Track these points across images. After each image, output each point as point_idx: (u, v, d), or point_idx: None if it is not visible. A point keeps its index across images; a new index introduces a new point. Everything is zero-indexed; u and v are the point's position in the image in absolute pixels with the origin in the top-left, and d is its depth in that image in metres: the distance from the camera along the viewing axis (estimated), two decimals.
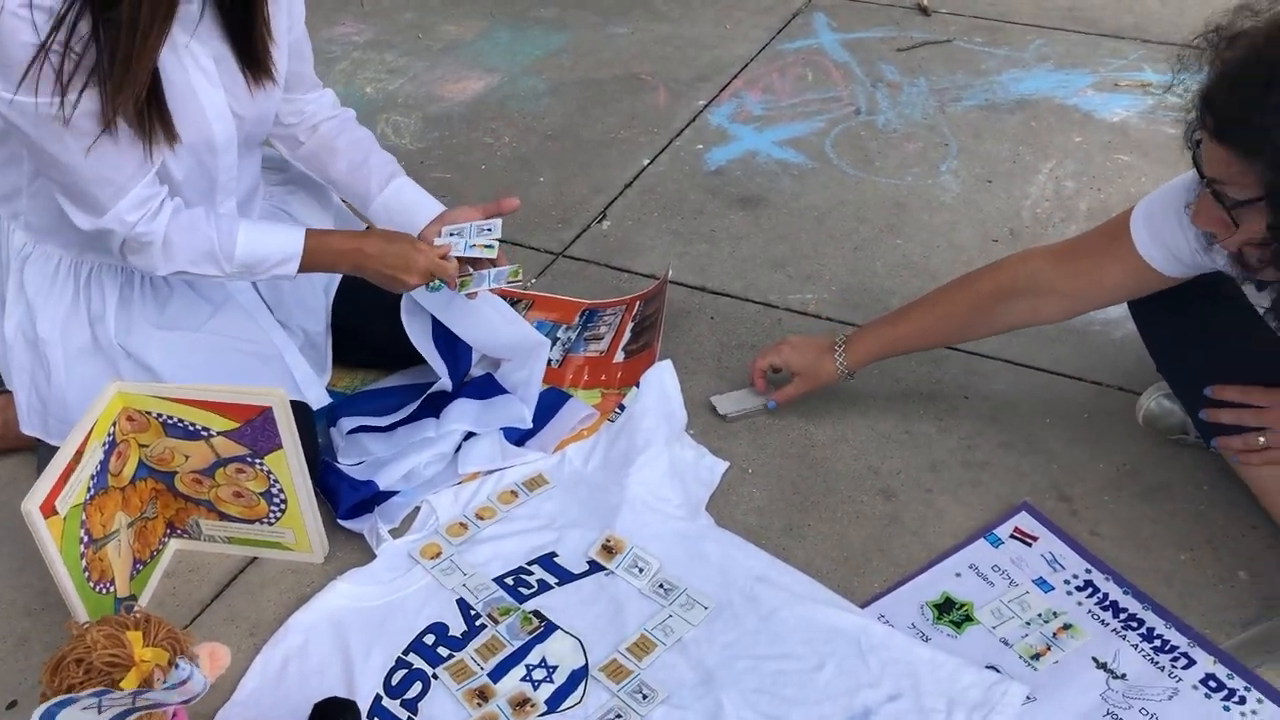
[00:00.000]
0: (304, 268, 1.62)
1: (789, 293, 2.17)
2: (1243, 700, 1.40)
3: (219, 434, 1.52)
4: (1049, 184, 2.41)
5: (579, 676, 1.47)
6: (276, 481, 1.56)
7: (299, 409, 1.69)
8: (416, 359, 1.85)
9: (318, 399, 1.81)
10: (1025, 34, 3.01)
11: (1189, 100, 1.28)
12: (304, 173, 1.87)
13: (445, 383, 1.83)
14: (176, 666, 1.16)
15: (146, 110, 1.45)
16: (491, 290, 1.74)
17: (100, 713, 1.14)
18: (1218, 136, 1.22)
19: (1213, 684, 1.42)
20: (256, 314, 1.80)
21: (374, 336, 1.90)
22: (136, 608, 1.41)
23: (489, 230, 1.74)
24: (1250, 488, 1.60)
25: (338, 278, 1.88)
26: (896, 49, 2.97)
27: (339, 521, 1.68)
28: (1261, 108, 1.16)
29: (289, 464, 1.53)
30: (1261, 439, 1.53)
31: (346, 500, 1.69)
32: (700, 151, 2.62)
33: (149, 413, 1.51)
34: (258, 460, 1.54)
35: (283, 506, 1.58)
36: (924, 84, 2.81)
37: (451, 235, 1.74)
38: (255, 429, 1.50)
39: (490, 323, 1.88)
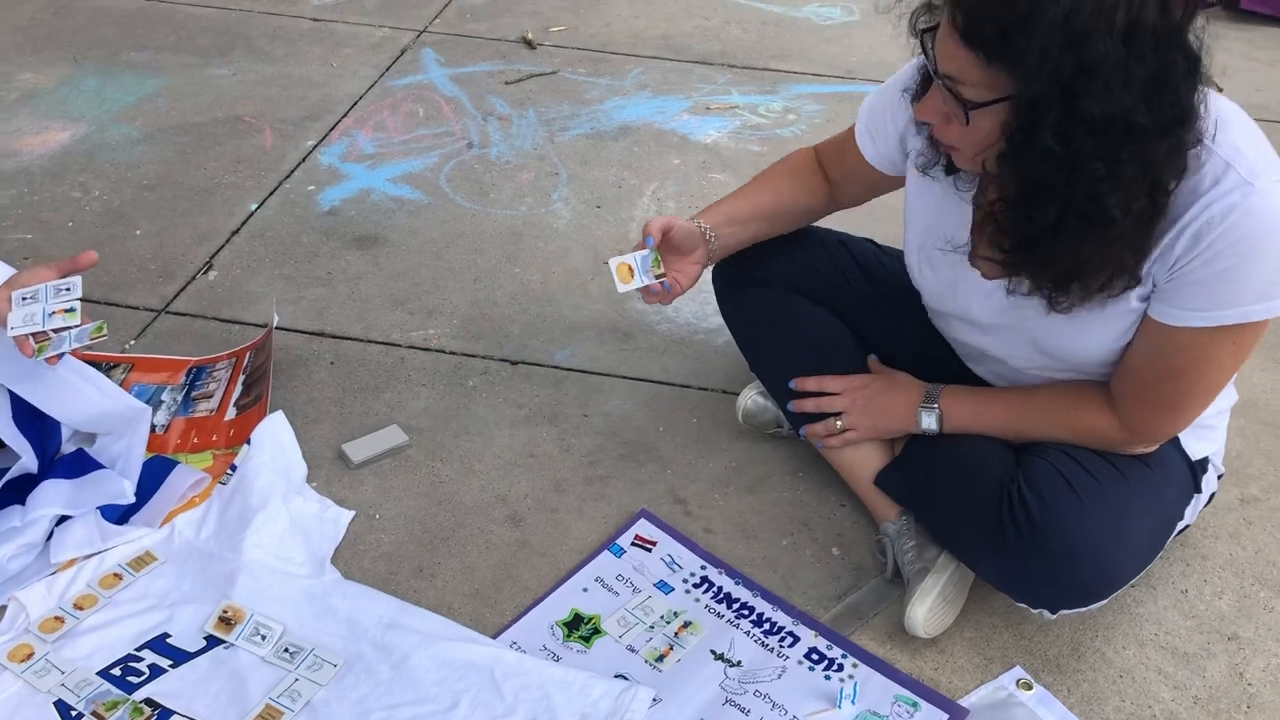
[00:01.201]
0: None
1: (411, 329, 2.15)
2: (840, 667, 1.53)
3: None
4: (652, 205, 2.55)
5: None
6: None
7: None
8: None
9: None
10: (625, 63, 3.16)
11: None
12: None
13: (29, 464, 1.67)
14: None
15: None
16: (75, 353, 1.60)
17: None
18: (966, 40, 1.21)
19: (815, 657, 1.54)
20: None
21: None
22: None
23: (67, 290, 1.60)
24: (837, 469, 1.76)
25: None
26: (504, 82, 3.04)
27: None
28: (1024, 30, 1.15)
29: None
30: (839, 422, 1.68)
31: None
32: (312, 193, 2.56)
33: None
34: None
35: None
36: (533, 115, 2.89)
37: (25, 301, 1.59)
38: None
39: (81, 394, 1.74)
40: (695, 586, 1.64)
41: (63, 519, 1.66)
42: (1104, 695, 1.51)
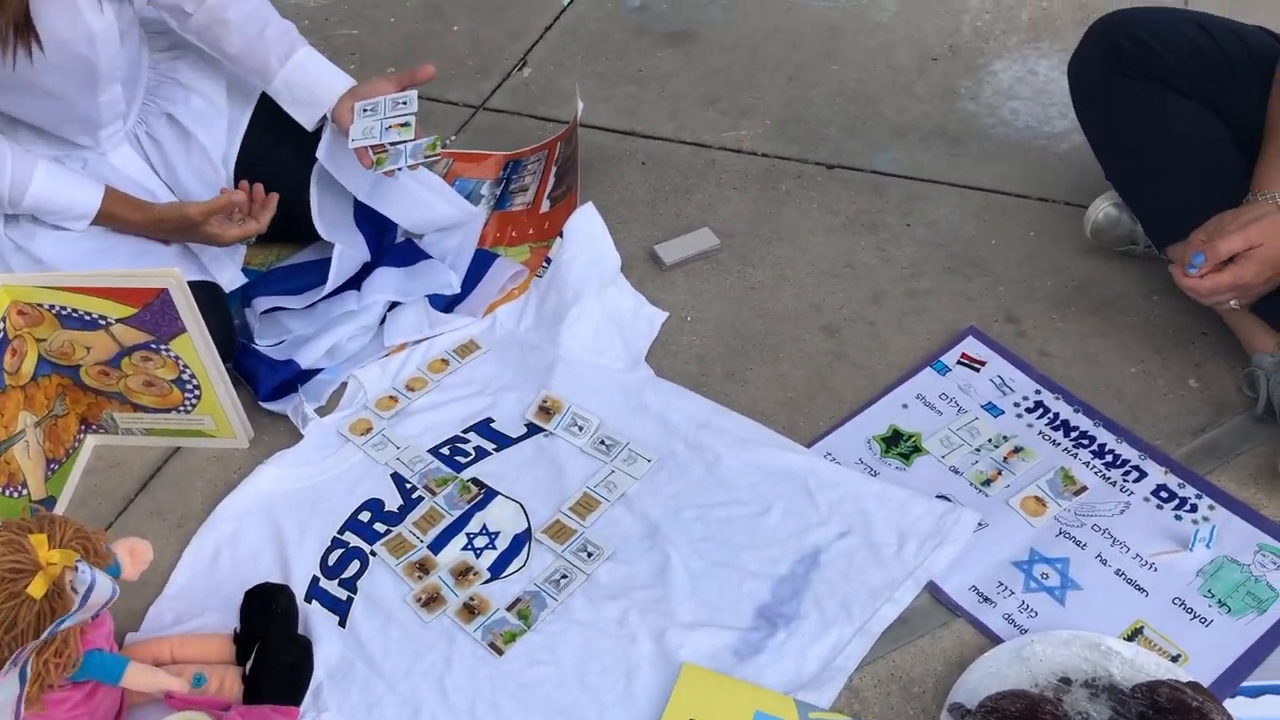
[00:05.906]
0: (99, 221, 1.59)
1: (722, 130, 2.06)
2: (1194, 508, 1.37)
3: (118, 321, 1.42)
4: None
5: (522, 540, 1.43)
6: (186, 367, 1.47)
7: (209, 289, 1.60)
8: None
9: (231, 280, 1.71)
10: None
11: None
12: None
13: (362, 256, 1.73)
14: (77, 570, 1.09)
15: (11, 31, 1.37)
16: (410, 166, 1.63)
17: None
18: None
19: (1164, 494, 1.39)
20: (153, 194, 1.69)
21: (286, 209, 1.78)
22: (39, 510, 1.34)
23: (404, 104, 1.64)
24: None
25: (236, 145, 1.75)
26: None
27: (261, 404, 1.60)
28: None
29: (196, 347, 1.44)
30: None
31: (267, 381, 1.61)
32: None
33: (40, 305, 1.41)
34: (163, 346, 1.45)
35: (197, 392, 1.51)
36: None
37: (366, 113, 1.63)
38: (155, 313, 1.41)
39: (420, 200, 1.78)
40: (1028, 411, 1.51)
41: (393, 305, 1.72)
42: None
